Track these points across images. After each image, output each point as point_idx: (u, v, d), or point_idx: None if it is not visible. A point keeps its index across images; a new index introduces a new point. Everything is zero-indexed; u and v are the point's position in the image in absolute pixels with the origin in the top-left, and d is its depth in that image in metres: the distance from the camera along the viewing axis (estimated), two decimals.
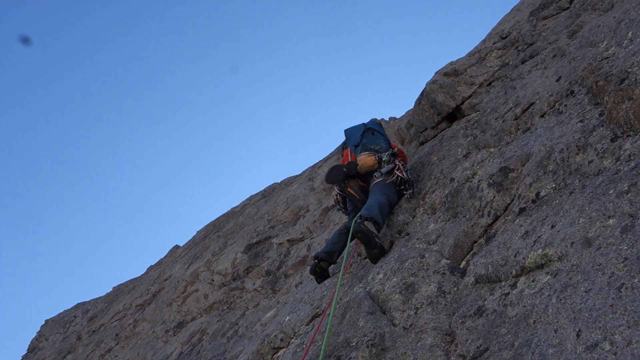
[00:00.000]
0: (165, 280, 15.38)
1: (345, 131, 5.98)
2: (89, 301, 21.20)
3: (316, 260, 5.09)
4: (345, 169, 5.34)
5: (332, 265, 5.26)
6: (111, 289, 21.00)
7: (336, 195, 5.66)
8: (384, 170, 5.27)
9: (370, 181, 5.34)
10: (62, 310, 21.99)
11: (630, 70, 3.23)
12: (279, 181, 17.51)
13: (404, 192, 5.24)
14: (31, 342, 20.09)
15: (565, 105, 4.00)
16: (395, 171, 5.25)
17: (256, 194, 17.82)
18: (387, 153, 5.42)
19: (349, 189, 5.29)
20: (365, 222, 4.52)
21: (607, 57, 3.90)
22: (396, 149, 5.57)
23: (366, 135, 5.65)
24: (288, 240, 11.80)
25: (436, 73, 6.74)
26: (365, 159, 5.33)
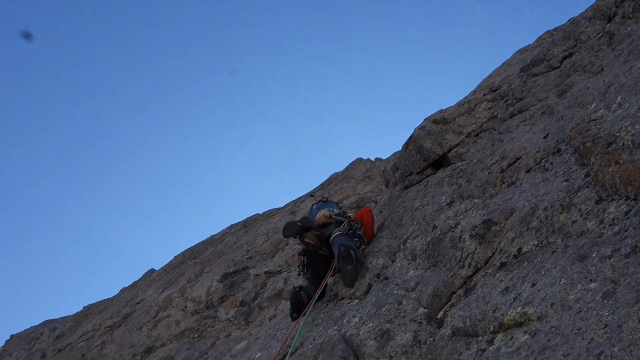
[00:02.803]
0: (138, 303, 15.09)
1: (308, 214, 6.48)
2: (58, 319, 20.75)
3: (297, 289, 5.29)
4: (299, 223, 5.62)
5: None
6: (82, 308, 20.60)
7: (299, 254, 5.72)
8: (335, 214, 5.72)
9: (329, 234, 5.54)
10: (29, 327, 21.50)
11: (618, 134, 3.27)
12: (260, 212, 17.46)
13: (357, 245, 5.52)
14: None
15: (552, 163, 4.03)
16: (344, 218, 5.66)
17: (237, 224, 17.73)
18: (338, 211, 5.91)
19: (305, 239, 5.46)
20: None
21: (596, 119, 3.94)
22: (350, 213, 6.10)
23: (319, 204, 6.27)
24: (265, 272, 11.67)
25: (425, 119, 6.79)
26: (319, 214, 5.81)
